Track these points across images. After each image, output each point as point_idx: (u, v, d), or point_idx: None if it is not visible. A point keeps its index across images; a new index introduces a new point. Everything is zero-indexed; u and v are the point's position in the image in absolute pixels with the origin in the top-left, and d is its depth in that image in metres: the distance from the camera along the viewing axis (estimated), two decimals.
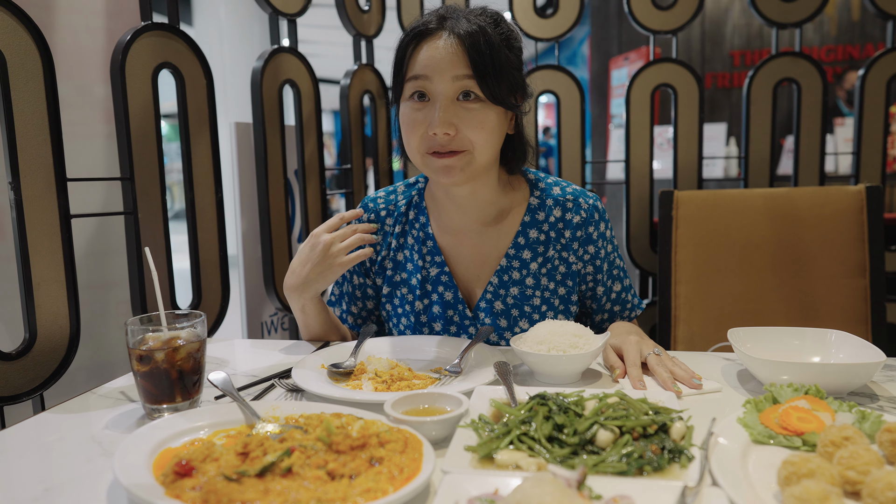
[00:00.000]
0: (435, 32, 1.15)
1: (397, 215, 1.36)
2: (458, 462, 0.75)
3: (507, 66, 1.16)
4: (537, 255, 1.30)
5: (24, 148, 1.31)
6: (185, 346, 0.97)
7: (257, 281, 2.09)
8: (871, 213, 1.71)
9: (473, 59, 1.12)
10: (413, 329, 1.36)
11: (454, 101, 1.14)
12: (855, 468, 0.67)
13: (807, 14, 2.26)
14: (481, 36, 1.13)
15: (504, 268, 1.30)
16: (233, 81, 6.52)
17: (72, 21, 1.68)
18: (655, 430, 0.78)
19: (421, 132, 1.16)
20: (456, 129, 1.14)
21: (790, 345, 1.12)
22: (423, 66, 1.14)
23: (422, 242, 1.34)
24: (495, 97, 1.15)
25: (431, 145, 1.16)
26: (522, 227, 1.30)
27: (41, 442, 0.90)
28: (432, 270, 1.33)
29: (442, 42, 1.14)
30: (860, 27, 5.53)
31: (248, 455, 0.74)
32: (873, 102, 2.27)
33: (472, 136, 1.15)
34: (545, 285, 1.30)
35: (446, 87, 1.14)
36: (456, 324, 1.33)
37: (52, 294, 1.37)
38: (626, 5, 2.31)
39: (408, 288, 1.35)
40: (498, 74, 1.14)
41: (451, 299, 1.32)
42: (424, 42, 1.16)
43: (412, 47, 1.17)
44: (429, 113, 1.15)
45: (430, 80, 1.14)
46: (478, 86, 1.13)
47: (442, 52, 1.13)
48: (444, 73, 1.13)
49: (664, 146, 3.82)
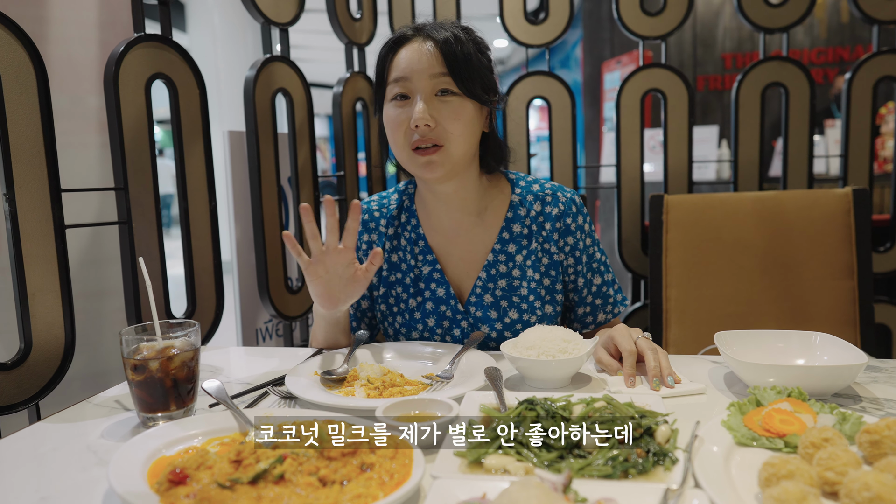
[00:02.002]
0: (412, 39, 1.27)
1: (390, 217, 1.44)
2: (447, 467, 0.76)
3: (478, 66, 1.27)
4: (521, 248, 1.37)
5: (19, 159, 1.33)
6: (180, 355, 0.98)
7: (251, 288, 2.10)
8: (858, 216, 1.73)
9: (448, 58, 1.24)
10: (407, 326, 1.41)
11: (433, 97, 1.25)
12: (833, 469, 0.69)
13: (794, 19, 2.29)
14: (454, 39, 1.25)
15: (491, 262, 1.37)
16: (227, 89, 6.54)
17: (65, 33, 1.69)
18: (641, 434, 0.79)
19: (404, 128, 1.26)
20: (435, 122, 1.24)
21: (775, 347, 1.13)
22: (403, 69, 1.25)
23: (413, 243, 1.41)
24: (470, 92, 1.25)
25: (413, 139, 1.25)
26: (506, 223, 1.38)
27: (37, 452, 0.91)
28: (424, 269, 1.39)
29: (419, 45, 1.26)
30: (850, 30, 5.57)
31: (241, 462, 0.76)
32: (860, 105, 2.29)
33: (449, 127, 1.24)
34: (531, 276, 1.37)
35: (425, 84, 1.24)
36: (448, 318, 1.38)
37: (47, 304, 1.38)
38: (616, 11, 2.33)
39: (402, 287, 1.41)
40: (471, 73, 1.25)
41: (443, 295, 1.38)
42: (402, 47, 1.27)
43: (391, 54, 1.29)
44: (410, 110, 1.25)
45: (409, 80, 1.25)
46: (453, 82, 1.24)
47: (419, 54, 1.25)
48: (422, 72, 1.24)
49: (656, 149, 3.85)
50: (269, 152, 2.01)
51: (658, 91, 2.34)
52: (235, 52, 6.81)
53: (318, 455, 0.77)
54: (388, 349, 1.29)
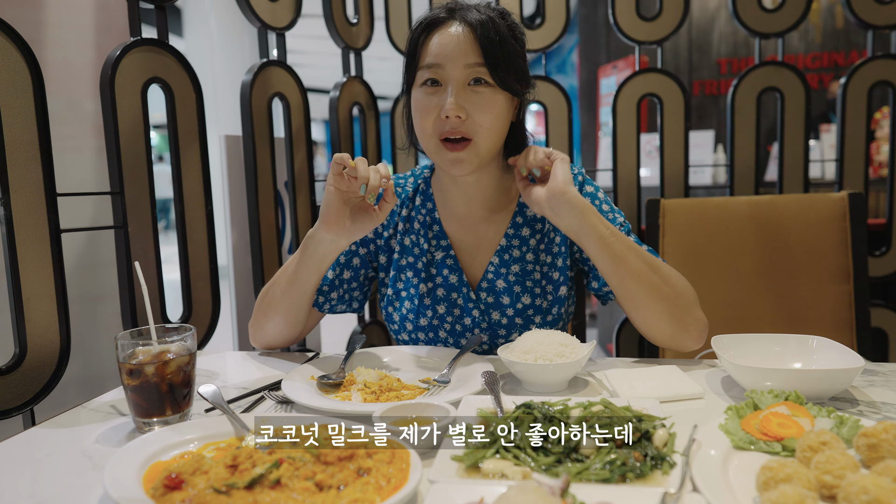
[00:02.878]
0: (446, 22, 1.22)
1: (404, 198, 1.42)
2: (444, 471, 0.76)
3: (513, 55, 1.23)
4: (535, 231, 1.36)
5: (14, 163, 1.32)
6: (175, 360, 0.97)
7: (248, 292, 2.10)
8: (854, 220, 1.73)
9: (484, 46, 1.19)
10: (415, 312, 1.38)
11: (465, 87, 1.21)
12: (831, 472, 0.69)
13: (789, 24, 2.29)
14: (491, 25, 1.19)
15: (504, 247, 1.35)
16: (223, 93, 6.53)
17: (61, 37, 1.69)
18: (638, 438, 0.79)
19: (434, 116, 1.22)
20: (466, 113, 1.20)
21: (772, 351, 1.13)
22: (436, 55, 1.21)
23: (428, 227, 1.39)
24: (504, 83, 1.21)
25: (443, 129, 1.22)
26: (519, 207, 1.37)
27: (32, 457, 0.91)
28: (437, 254, 1.37)
29: (453, 30, 1.20)
30: (844, 35, 5.60)
31: (237, 467, 0.75)
32: (855, 110, 2.30)
33: (480, 119, 1.21)
34: (543, 260, 1.36)
35: (458, 73, 1.20)
36: (459, 306, 1.36)
37: (42, 308, 1.37)
38: (612, 16, 2.34)
39: (413, 271, 1.39)
40: (506, 62, 1.21)
41: (455, 282, 1.36)
42: (436, 31, 1.22)
43: (424, 36, 1.23)
44: (441, 98, 1.21)
45: (442, 68, 1.20)
46: (488, 72, 1.20)
47: (454, 39, 1.20)
48: (456, 60, 1.19)
49: (652, 153, 3.86)
50: (266, 157, 2.00)
51: (654, 96, 2.34)
52: (232, 56, 6.81)
53: (314, 460, 0.77)
54: (384, 353, 1.29)
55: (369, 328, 2.52)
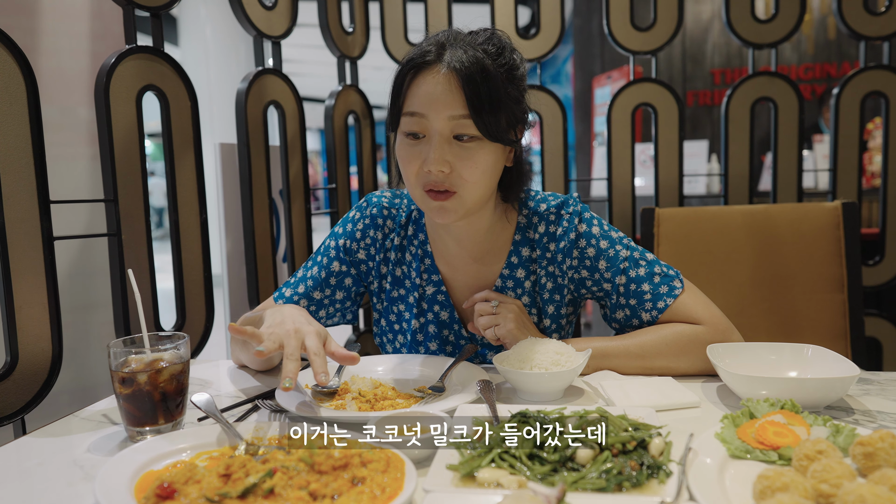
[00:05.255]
0: (432, 65, 1.12)
1: (396, 226, 1.35)
2: (439, 481, 0.75)
3: (505, 100, 1.13)
4: (530, 273, 1.31)
5: (7, 170, 1.32)
6: (168, 368, 0.97)
7: (242, 301, 2.09)
8: (848, 229, 1.74)
9: (470, 96, 1.09)
10: (409, 347, 1.35)
11: (449, 140, 1.12)
12: (828, 481, 0.68)
13: (782, 35, 2.31)
14: (480, 70, 1.09)
15: (499, 288, 1.31)
16: (219, 101, 6.53)
17: (56, 44, 1.69)
18: (634, 446, 0.79)
19: (416, 167, 1.14)
20: (451, 167, 1.12)
21: (768, 360, 1.13)
22: (419, 104, 1.12)
23: (420, 259, 1.33)
24: (492, 135, 1.12)
25: (427, 182, 1.14)
26: (514, 246, 1.30)
27: (22, 467, 0.90)
28: (429, 289, 1.33)
29: (440, 77, 1.11)
30: (837, 46, 5.64)
31: (230, 477, 0.75)
32: (848, 120, 2.32)
33: (466, 174, 1.13)
34: (537, 302, 1.31)
35: (442, 125, 1.11)
36: (451, 343, 1.34)
37: (34, 317, 1.36)
38: (606, 27, 2.35)
39: (405, 305, 1.35)
40: (496, 111, 1.11)
41: (446, 319, 1.33)
42: (421, 75, 1.13)
43: (409, 78, 1.14)
44: (424, 149, 1.13)
45: (425, 118, 1.12)
46: (474, 124, 1.10)
47: (438, 88, 1.10)
48: (439, 111, 1.10)
49: (647, 163, 3.87)
50: (261, 165, 2.00)
51: (648, 105, 2.35)
52: (227, 65, 6.82)
53: (308, 469, 0.76)
54: (379, 362, 1.28)
55: (364, 336, 2.52)
